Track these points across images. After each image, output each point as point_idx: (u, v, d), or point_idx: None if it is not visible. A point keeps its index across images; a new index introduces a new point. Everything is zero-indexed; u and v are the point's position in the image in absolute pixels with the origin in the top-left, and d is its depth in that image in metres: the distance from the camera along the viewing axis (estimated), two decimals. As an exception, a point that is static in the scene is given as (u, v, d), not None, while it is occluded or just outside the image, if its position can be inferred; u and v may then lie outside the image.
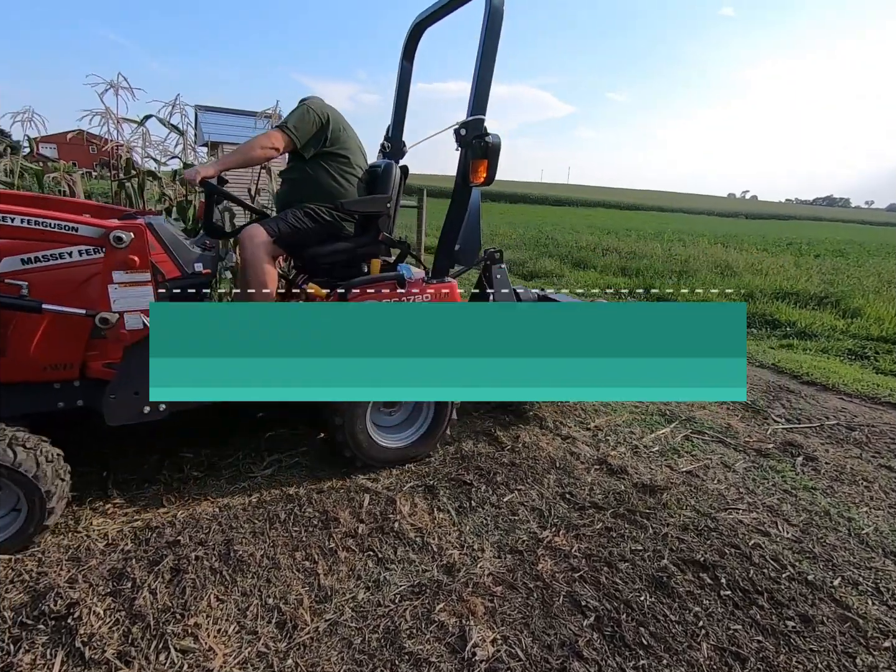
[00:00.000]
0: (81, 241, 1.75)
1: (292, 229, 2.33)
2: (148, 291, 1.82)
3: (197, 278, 2.06)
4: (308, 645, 1.48)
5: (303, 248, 2.42)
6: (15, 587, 1.60)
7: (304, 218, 2.37)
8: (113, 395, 1.87)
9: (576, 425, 2.99)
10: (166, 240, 2.02)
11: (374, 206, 2.41)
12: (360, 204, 2.40)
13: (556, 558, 1.87)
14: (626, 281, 8.11)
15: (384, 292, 2.29)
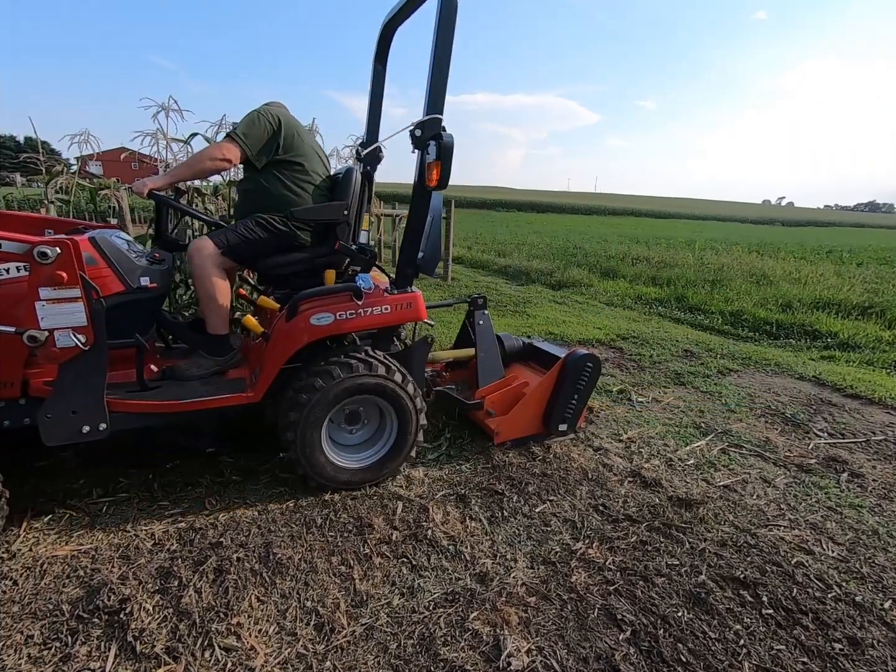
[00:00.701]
0: (5, 258, 1.69)
1: (242, 240, 2.23)
2: (79, 308, 1.74)
3: (143, 293, 2.02)
4: (345, 648, 1.51)
5: (255, 259, 2.33)
6: (71, 582, 1.69)
7: (256, 228, 2.26)
8: (49, 415, 1.79)
9: (608, 437, 2.96)
10: (110, 254, 1.97)
11: (329, 214, 2.31)
12: (313, 212, 2.30)
13: (590, 570, 1.85)
14: (656, 291, 7.97)
15: (338, 305, 2.14)
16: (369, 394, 2.19)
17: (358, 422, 2.35)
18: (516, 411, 2.67)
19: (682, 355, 4.72)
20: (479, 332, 2.84)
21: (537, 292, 7.81)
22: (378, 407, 2.32)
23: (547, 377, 2.68)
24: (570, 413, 2.71)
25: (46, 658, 1.43)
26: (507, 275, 9.53)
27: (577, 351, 2.71)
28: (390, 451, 2.31)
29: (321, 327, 2.10)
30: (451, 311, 6.02)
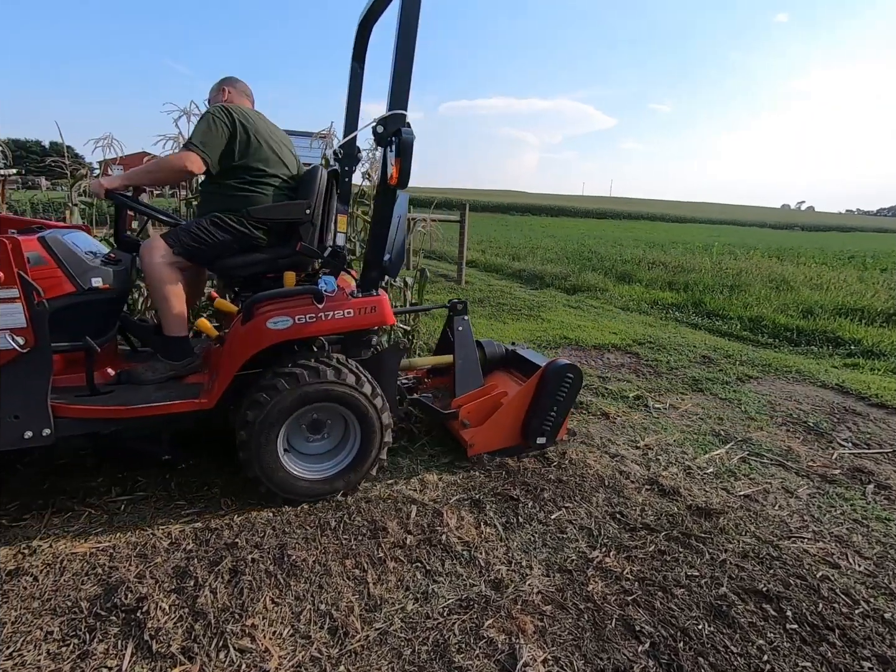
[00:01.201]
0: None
1: (196, 240, 2.14)
2: (17, 309, 1.69)
3: (94, 294, 1.98)
4: (359, 653, 1.50)
5: (213, 259, 2.22)
6: (90, 579, 1.71)
7: (210, 227, 2.16)
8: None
9: (624, 443, 2.91)
10: (60, 254, 1.93)
11: (289, 213, 2.21)
12: (271, 211, 2.19)
13: (608, 580, 1.82)
14: (673, 295, 7.87)
15: (297, 308, 2.05)
16: (335, 402, 2.11)
17: (321, 431, 2.24)
18: (492, 422, 2.55)
19: (700, 361, 4.65)
20: (457, 339, 2.74)
21: (551, 296, 7.76)
22: (343, 418, 2.21)
23: (525, 387, 2.57)
24: (549, 425, 2.58)
25: (65, 655, 1.44)
26: (521, 279, 9.49)
27: (558, 361, 2.59)
28: (349, 465, 2.19)
29: (278, 331, 2.01)
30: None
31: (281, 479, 2.09)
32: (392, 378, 2.39)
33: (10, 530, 1.94)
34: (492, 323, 5.72)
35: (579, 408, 3.40)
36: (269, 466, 2.05)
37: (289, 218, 2.22)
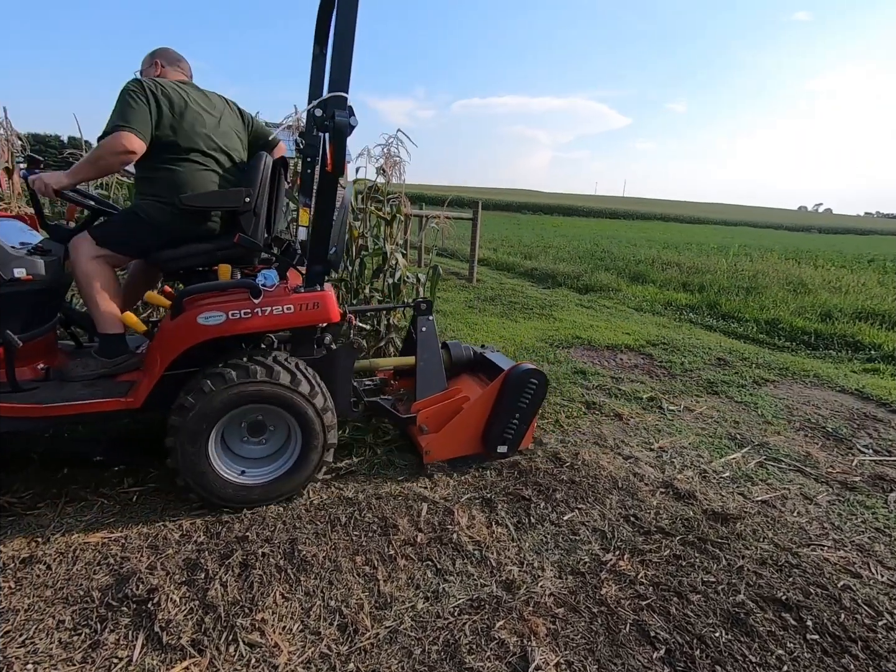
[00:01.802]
0: None
1: (121, 231, 2.02)
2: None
3: (16, 285, 1.90)
4: (369, 651, 1.48)
5: (144, 251, 2.10)
6: (102, 569, 1.72)
7: (136, 217, 2.03)
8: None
9: (638, 445, 2.87)
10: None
11: (225, 202, 2.04)
12: (203, 199, 2.03)
13: (621, 584, 1.78)
14: (687, 297, 7.76)
15: (232, 303, 1.94)
16: (268, 403, 1.99)
17: (262, 433, 2.12)
18: (449, 429, 2.43)
19: (715, 363, 4.57)
20: (420, 340, 2.63)
21: (564, 296, 7.70)
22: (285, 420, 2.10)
23: (485, 392, 2.45)
24: (511, 434, 2.47)
25: (76, 644, 1.44)
26: (533, 277, 9.43)
27: (521, 365, 2.46)
28: (290, 470, 2.07)
29: (210, 327, 1.90)
30: (477, 312, 5.99)
31: (215, 486, 1.97)
32: (346, 378, 2.30)
33: (24, 518, 1.95)
34: (503, 321, 5.69)
35: (592, 408, 3.36)
36: (199, 473, 1.94)
37: (224, 206, 2.05)
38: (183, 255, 2.10)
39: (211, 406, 1.90)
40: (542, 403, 2.54)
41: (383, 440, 2.72)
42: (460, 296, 7.04)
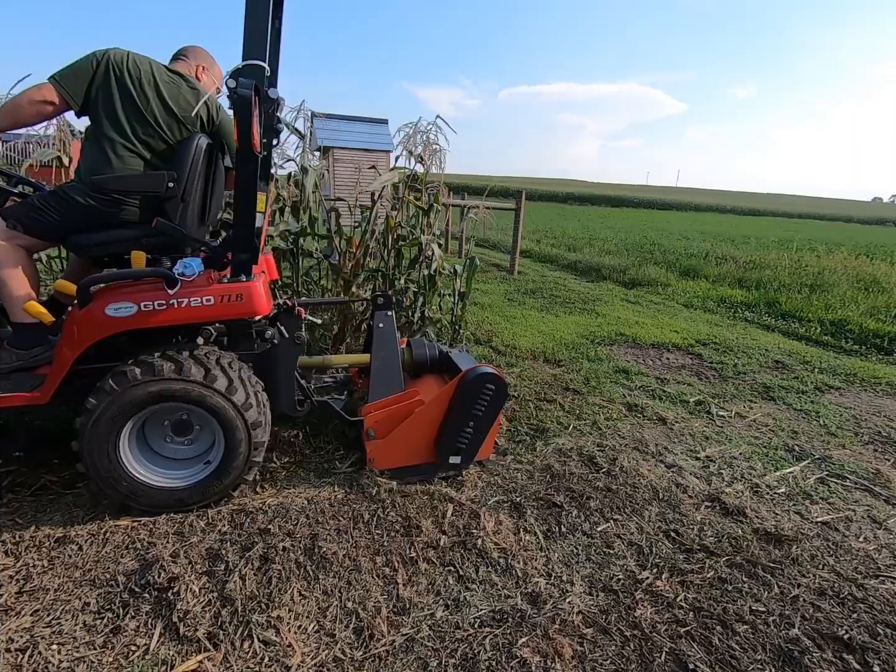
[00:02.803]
0: None
1: (34, 214, 1.89)
2: None
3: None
4: (383, 658, 1.43)
5: (60, 236, 1.98)
6: (129, 553, 1.74)
7: (50, 199, 1.91)
8: None
9: (683, 453, 2.68)
10: None
11: (143, 186, 1.90)
12: (120, 182, 1.88)
13: (658, 606, 1.65)
14: (743, 294, 7.28)
15: (144, 293, 1.81)
16: (179, 402, 1.85)
17: (188, 433, 2.00)
18: (397, 435, 2.24)
19: (772, 366, 4.24)
20: (377, 336, 2.43)
21: (608, 290, 7.40)
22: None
23: (437, 397, 2.25)
24: (464, 443, 2.25)
25: (99, 627, 1.46)
26: (576, 270, 9.13)
27: (477, 368, 2.22)
28: (214, 472, 1.93)
29: (120, 319, 1.77)
30: (516, 305, 5.83)
31: (132, 490, 1.87)
32: (287, 374, 2.20)
33: (62, 498, 2.02)
34: (543, 315, 5.51)
35: (634, 410, 3.18)
36: (110, 477, 1.83)
37: (142, 191, 1.91)
38: (103, 241, 1.96)
39: (115, 407, 1.78)
40: (500, 412, 2.30)
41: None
42: (500, 288, 6.89)
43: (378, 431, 2.26)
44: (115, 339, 1.87)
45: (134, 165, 1.93)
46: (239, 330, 2.12)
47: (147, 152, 1.96)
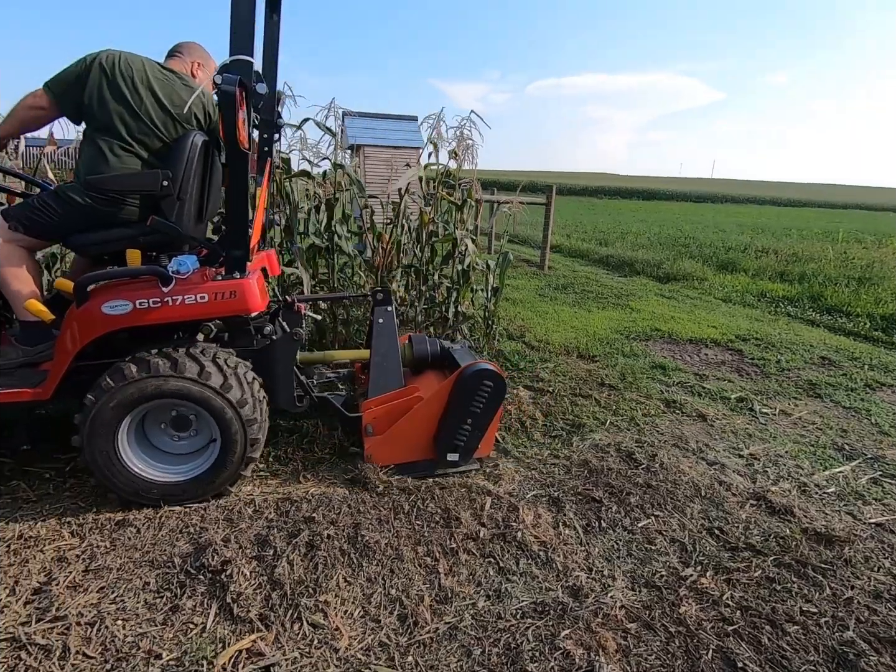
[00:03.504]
0: None
1: (33, 214, 1.92)
2: None
3: None
4: (427, 645, 1.46)
5: (61, 236, 2.01)
6: (183, 537, 1.83)
7: (48, 199, 1.93)
8: None
9: (725, 450, 2.61)
10: None
11: (138, 185, 1.91)
12: (114, 181, 1.89)
13: (703, 603, 1.62)
14: (785, 287, 7.02)
15: (140, 291, 1.83)
16: (175, 399, 1.87)
17: (188, 428, 2.02)
18: (395, 431, 2.23)
19: (818, 363, 4.08)
20: (376, 333, 2.40)
21: (642, 285, 7.25)
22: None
23: (436, 393, 2.23)
24: (463, 440, 2.23)
25: (159, 606, 1.54)
26: (608, 265, 8.97)
27: (475, 364, 2.20)
28: (212, 467, 1.96)
29: (116, 317, 1.80)
30: (548, 301, 5.78)
31: (131, 486, 1.90)
32: (286, 370, 2.21)
33: (120, 483, 2.12)
34: (576, 311, 5.45)
35: (672, 407, 3.12)
36: (111, 473, 1.87)
37: (137, 190, 1.92)
38: (102, 240, 1.98)
39: (112, 404, 1.81)
40: (499, 408, 2.27)
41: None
42: (531, 283, 6.84)
43: (376, 428, 2.25)
44: (117, 336, 1.92)
45: (131, 164, 1.94)
46: (237, 326, 2.13)
47: (143, 151, 1.96)
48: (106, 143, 1.91)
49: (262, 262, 2.29)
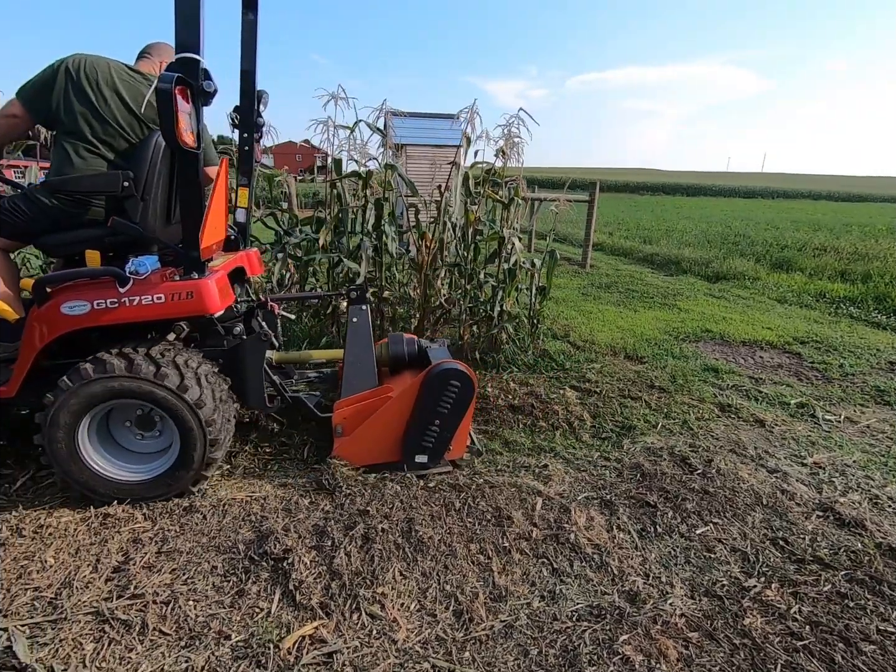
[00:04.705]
0: None
1: (6, 216, 1.96)
2: None
3: None
4: (484, 642, 1.47)
5: (30, 236, 2.03)
6: (245, 525, 1.91)
7: (19, 201, 1.96)
8: None
9: (786, 458, 2.50)
10: None
11: (98, 186, 1.92)
12: (76, 182, 1.91)
13: (769, 616, 1.56)
14: (846, 288, 6.62)
15: (97, 292, 1.84)
16: (132, 399, 1.89)
17: (152, 428, 2.04)
18: (360, 432, 2.20)
19: (886, 368, 3.84)
20: (350, 331, 2.35)
21: (690, 284, 7.00)
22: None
23: (402, 393, 2.18)
24: (431, 441, 2.19)
25: (226, 589, 1.62)
26: (653, 263, 8.72)
27: (442, 364, 2.14)
28: (171, 467, 1.97)
29: (74, 317, 1.82)
30: (591, 300, 5.68)
31: (93, 483, 1.93)
32: (255, 370, 2.20)
33: (185, 471, 2.23)
34: (621, 310, 5.33)
35: (727, 411, 3.01)
36: (70, 469, 1.90)
37: (98, 191, 1.94)
38: (70, 241, 2.00)
39: (70, 403, 1.83)
40: (468, 409, 2.21)
41: (482, 430, 2.70)
42: (573, 282, 6.73)
43: (346, 428, 2.23)
44: (90, 335, 1.94)
45: (96, 166, 1.95)
46: (204, 327, 2.13)
47: (109, 152, 1.98)
48: (72, 146, 1.93)
49: (237, 262, 2.30)
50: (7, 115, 1.94)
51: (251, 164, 2.37)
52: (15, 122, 1.95)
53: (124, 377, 1.83)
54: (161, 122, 1.67)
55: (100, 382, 1.83)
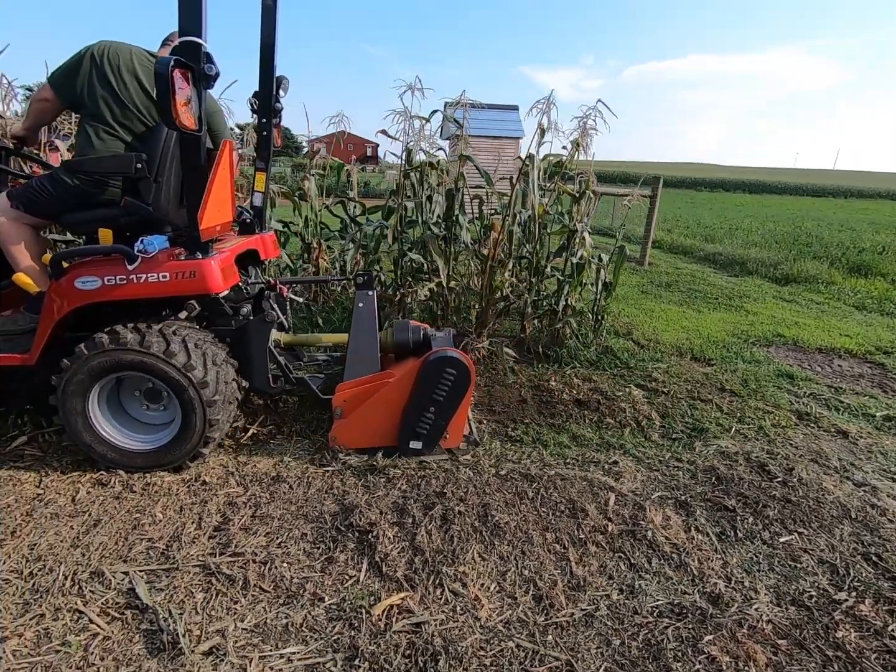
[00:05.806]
0: None
1: (31, 194, 2.07)
2: None
3: None
4: (565, 628, 1.49)
5: (54, 214, 2.13)
6: (328, 497, 2.01)
7: (44, 181, 2.07)
8: None
9: (874, 471, 2.38)
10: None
11: (114, 167, 2.00)
12: (95, 163, 1.99)
13: (863, 631, 1.51)
14: (935, 296, 6.14)
15: (107, 268, 1.93)
16: (139, 372, 1.97)
17: (159, 401, 2.14)
18: (359, 415, 2.24)
19: (985, 385, 3.55)
20: (356, 316, 2.37)
21: (756, 286, 6.68)
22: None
23: (400, 378, 2.20)
24: (426, 428, 2.21)
25: (316, 555, 1.72)
26: (715, 263, 8.36)
27: (440, 351, 2.15)
28: (171, 441, 2.05)
29: (86, 292, 1.92)
30: (652, 298, 5.52)
31: (97, 447, 2.04)
32: (259, 351, 2.26)
33: (267, 445, 2.38)
34: (684, 311, 5.16)
35: (805, 420, 2.88)
36: (80, 432, 2.01)
37: (112, 171, 2.02)
38: (89, 220, 2.10)
39: (83, 370, 1.94)
40: (464, 398, 2.21)
41: (549, 423, 2.70)
42: (632, 279, 6.57)
43: (345, 411, 2.28)
44: (106, 309, 2.06)
45: (114, 148, 2.04)
46: (209, 306, 2.20)
47: (127, 135, 2.07)
48: (93, 129, 2.02)
49: (249, 244, 2.38)
50: (39, 100, 2.09)
51: (269, 150, 2.43)
52: (46, 105, 2.09)
53: (135, 351, 1.93)
54: (159, 104, 1.74)
55: (112, 353, 1.94)
